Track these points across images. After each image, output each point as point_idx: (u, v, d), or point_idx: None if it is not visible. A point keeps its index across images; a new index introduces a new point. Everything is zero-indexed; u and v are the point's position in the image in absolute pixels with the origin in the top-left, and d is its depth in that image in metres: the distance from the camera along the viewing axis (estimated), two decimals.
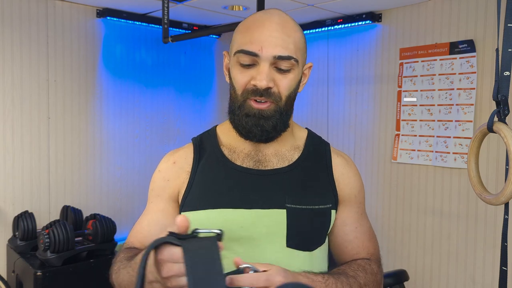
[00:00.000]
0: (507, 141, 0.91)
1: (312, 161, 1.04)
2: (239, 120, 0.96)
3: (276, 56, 0.92)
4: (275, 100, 0.94)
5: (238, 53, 0.94)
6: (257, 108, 0.93)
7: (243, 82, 0.94)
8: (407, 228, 2.80)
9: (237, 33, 0.99)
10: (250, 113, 0.94)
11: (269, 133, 0.96)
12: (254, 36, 0.93)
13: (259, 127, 0.94)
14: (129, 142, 3.19)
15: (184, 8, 2.94)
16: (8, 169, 2.66)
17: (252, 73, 0.93)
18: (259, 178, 0.98)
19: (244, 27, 0.98)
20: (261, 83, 0.91)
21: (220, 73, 3.70)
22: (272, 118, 0.94)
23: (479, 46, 2.44)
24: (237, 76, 0.95)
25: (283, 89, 0.94)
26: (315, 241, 1.00)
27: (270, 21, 0.94)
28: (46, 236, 2.31)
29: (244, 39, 0.94)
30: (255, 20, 0.97)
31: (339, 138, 3.10)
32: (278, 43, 0.92)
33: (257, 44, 0.92)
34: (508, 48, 0.92)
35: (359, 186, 1.07)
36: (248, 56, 0.92)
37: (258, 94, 0.92)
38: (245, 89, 0.94)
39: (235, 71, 0.96)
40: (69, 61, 2.88)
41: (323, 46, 3.19)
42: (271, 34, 0.92)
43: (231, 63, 0.98)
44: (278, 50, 0.92)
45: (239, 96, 0.95)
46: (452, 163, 2.55)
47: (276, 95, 0.94)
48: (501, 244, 0.97)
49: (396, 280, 2.19)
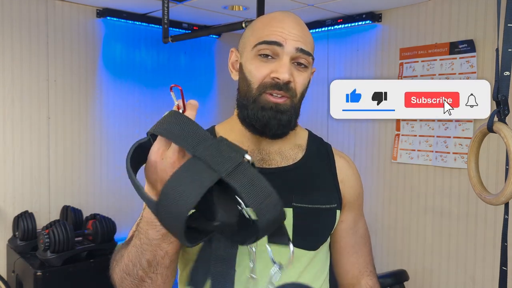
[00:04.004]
0: (507, 141, 0.91)
1: (316, 161, 1.03)
2: (254, 114, 0.92)
3: (298, 49, 0.91)
4: (291, 96, 0.93)
5: (260, 44, 0.92)
6: (275, 101, 0.91)
7: (261, 75, 0.92)
8: (407, 228, 2.80)
9: (254, 29, 0.97)
10: (267, 107, 0.91)
11: (284, 128, 0.94)
12: (277, 29, 0.92)
13: (276, 120, 0.91)
14: (129, 142, 3.15)
15: (184, 8, 2.94)
16: (8, 169, 2.66)
17: (271, 66, 0.91)
18: (264, 176, 0.98)
19: (261, 24, 0.97)
20: (283, 76, 0.89)
21: (220, 73, 3.70)
22: (288, 113, 0.93)
23: (479, 46, 2.44)
24: (255, 70, 0.92)
25: (299, 85, 0.94)
26: (320, 240, 1.00)
27: (289, 19, 0.95)
28: (46, 236, 2.31)
29: (265, 32, 0.93)
30: (273, 17, 0.96)
31: (339, 138, 3.10)
32: (299, 38, 0.92)
33: (280, 36, 0.91)
34: (508, 48, 0.92)
35: (360, 188, 1.08)
36: (271, 47, 0.91)
37: (277, 88, 0.90)
38: (262, 82, 0.92)
39: (253, 64, 0.93)
40: (69, 61, 2.88)
41: (323, 46, 3.19)
42: (292, 30, 0.92)
43: (246, 58, 0.95)
44: (300, 44, 0.92)
45: (254, 90, 0.92)
46: (452, 163, 2.55)
47: (293, 90, 0.93)
48: (501, 244, 0.98)
49: (396, 280, 2.19)
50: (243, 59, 0.96)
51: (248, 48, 0.95)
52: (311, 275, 0.97)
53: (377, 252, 2.84)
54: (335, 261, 1.09)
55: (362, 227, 1.09)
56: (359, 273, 1.06)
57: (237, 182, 0.59)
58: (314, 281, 0.97)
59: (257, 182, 0.60)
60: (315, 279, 0.98)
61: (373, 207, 2.92)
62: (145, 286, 0.77)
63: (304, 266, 0.95)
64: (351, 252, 1.06)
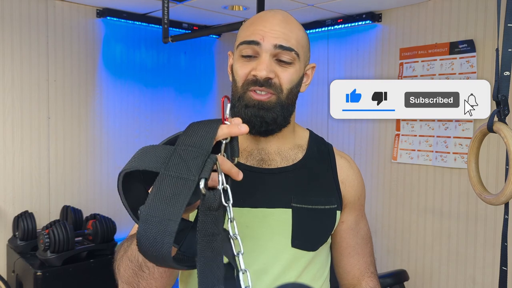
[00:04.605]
0: (507, 141, 0.91)
1: (317, 161, 1.03)
2: (238, 112, 0.93)
3: (277, 45, 0.92)
4: (276, 92, 0.93)
5: (241, 45, 0.94)
6: (257, 99, 0.92)
7: (243, 73, 0.93)
8: (407, 228, 2.80)
9: (241, 30, 1.00)
10: (250, 104, 0.92)
11: (268, 125, 0.94)
12: (257, 29, 0.93)
13: (259, 117, 0.92)
14: (129, 142, 3.19)
15: (184, 8, 2.94)
16: (8, 169, 2.66)
17: (253, 64, 0.93)
18: (264, 176, 0.97)
19: (247, 24, 0.99)
20: (261, 73, 0.90)
21: (220, 73, 3.70)
22: (273, 110, 0.93)
23: (479, 46, 2.44)
24: (239, 69, 0.94)
25: (284, 81, 0.94)
26: (319, 241, 1.00)
27: (273, 17, 0.95)
28: (46, 236, 2.31)
29: (247, 32, 0.95)
30: (259, 17, 0.98)
31: (339, 138, 3.10)
32: (280, 35, 0.93)
33: (259, 35, 0.92)
34: (508, 48, 0.92)
35: (361, 189, 1.08)
36: (250, 46, 0.92)
37: (258, 85, 0.91)
38: (245, 80, 0.93)
39: (237, 64, 0.95)
40: (69, 61, 2.88)
41: (323, 46, 3.19)
42: (274, 28, 0.93)
43: (234, 58, 0.98)
44: (279, 41, 0.92)
45: (239, 88, 0.94)
46: (452, 163, 2.55)
47: (277, 86, 0.93)
48: (501, 244, 0.98)
49: (396, 280, 2.20)
50: (233, 60, 0.99)
51: (235, 49, 0.98)
52: (311, 276, 0.97)
53: (377, 252, 2.84)
54: (335, 262, 1.08)
55: (363, 228, 1.08)
56: (360, 274, 1.06)
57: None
58: (314, 282, 0.97)
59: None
60: (315, 280, 0.98)
61: (373, 207, 2.93)
62: (144, 276, 0.77)
63: (303, 267, 0.95)
64: (352, 253, 1.06)
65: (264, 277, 0.92)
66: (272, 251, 0.94)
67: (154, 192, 0.55)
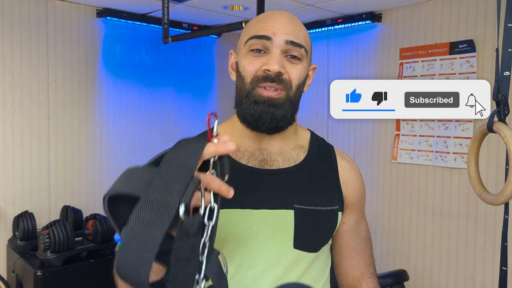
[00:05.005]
0: (507, 141, 0.91)
1: (318, 162, 1.03)
2: (247, 108, 0.92)
3: (288, 41, 0.92)
4: (286, 88, 0.92)
5: (251, 39, 0.94)
6: (267, 95, 0.91)
7: (253, 69, 0.93)
8: (407, 228, 2.80)
9: (247, 27, 0.99)
10: (259, 100, 0.91)
11: (278, 122, 0.93)
12: (267, 25, 0.94)
13: (269, 114, 0.91)
14: (129, 142, 3.19)
15: (184, 8, 2.94)
16: (8, 169, 2.66)
17: (263, 60, 0.92)
18: (265, 177, 0.97)
19: (254, 21, 0.99)
20: (273, 67, 0.90)
21: (220, 73, 3.70)
22: (282, 106, 0.92)
23: (479, 46, 2.44)
24: (248, 64, 0.94)
25: (294, 77, 0.93)
26: (321, 242, 0.99)
27: (282, 16, 0.96)
28: (46, 236, 2.31)
29: (256, 28, 0.95)
30: (266, 15, 0.98)
31: (339, 138, 3.10)
32: (290, 32, 0.93)
33: (270, 30, 0.93)
34: (508, 48, 0.92)
35: (362, 190, 1.08)
36: (261, 41, 0.92)
37: (269, 80, 0.91)
38: (255, 76, 0.92)
39: (245, 59, 0.94)
40: (69, 61, 2.88)
41: (323, 46, 3.19)
42: (284, 25, 0.94)
43: (241, 55, 0.97)
44: (290, 37, 0.93)
45: (248, 84, 0.93)
46: (452, 163, 2.55)
47: (287, 82, 0.92)
48: (501, 244, 0.98)
49: (396, 280, 2.20)
50: (239, 57, 0.98)
51: (242, 45, 0.97)
52: (312, 277, 0.97)
53: (377, 252, 2.84)
54: (336, 263, 1.08)
55: (363, 229, 1.08)
56: (360, 275, 1.06)
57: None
58: (315, 282, 0.97)
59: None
60: (316, 280, 0.98)
61: (373, 207, 2.93)
62: None
63: (304, 268, 0.95)
64: (352, 254, 1.06)
65: (265, 278, 0.92)
66: (274, 252, 0.94)
67: (133, 218, 0.53)
